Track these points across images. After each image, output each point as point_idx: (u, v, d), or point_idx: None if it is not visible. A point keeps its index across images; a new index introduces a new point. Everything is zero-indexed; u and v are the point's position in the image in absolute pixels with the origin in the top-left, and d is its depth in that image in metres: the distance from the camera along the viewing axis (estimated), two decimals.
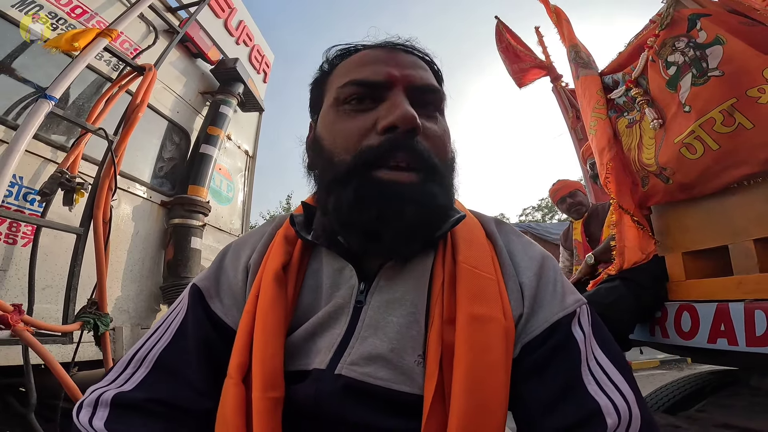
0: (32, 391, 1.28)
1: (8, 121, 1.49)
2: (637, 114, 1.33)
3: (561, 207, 2.18)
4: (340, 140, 0.44)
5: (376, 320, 0.42)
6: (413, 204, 0.40)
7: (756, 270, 1.01)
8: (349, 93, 0.45)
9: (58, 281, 1.53)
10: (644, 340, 1.37)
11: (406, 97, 0.44)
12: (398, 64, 0.46)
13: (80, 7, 1.81)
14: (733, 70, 1.01)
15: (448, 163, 0.47)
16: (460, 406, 0.35)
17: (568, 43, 1.70)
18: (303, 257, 0.48)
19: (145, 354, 0.45)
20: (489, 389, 0.36)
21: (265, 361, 0.39)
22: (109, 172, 1.50)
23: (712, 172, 1.08)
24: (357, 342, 0.41)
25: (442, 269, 0.44)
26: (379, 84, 0.44)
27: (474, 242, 0.47)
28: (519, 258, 0.47)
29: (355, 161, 0.42)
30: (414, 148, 0.42)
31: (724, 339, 1.03)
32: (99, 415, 0.40)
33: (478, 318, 0.39)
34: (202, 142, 2.24)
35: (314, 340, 0.43)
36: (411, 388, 0.39)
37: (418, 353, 0.41)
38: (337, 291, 0.45)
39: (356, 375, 0.39)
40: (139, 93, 1.68)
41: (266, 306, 0.42)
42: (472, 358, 0.37)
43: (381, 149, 0.41)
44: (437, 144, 0.45)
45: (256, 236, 0.53)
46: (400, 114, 0.41)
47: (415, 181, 0.41)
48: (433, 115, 0.47)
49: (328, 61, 0.52)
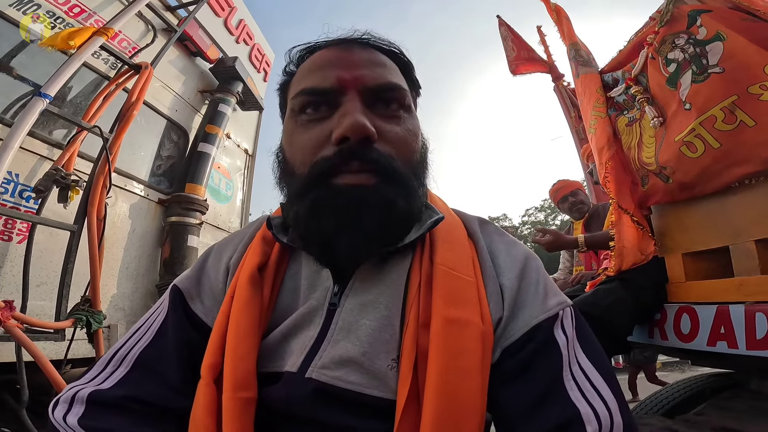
0: (24, 387, 1.29)
1: (3, 119, 1.50)
2: (637, 112, 1.30)
3: (562, 206, 2.16)
4: (298, 153, 0.44)
5: (349, 323, 0.41)
6: (369, 208, 0.40)
7: (757, 271, 0.99)
8: (302, 103, 0.44)
9: (53, 278, 1.53)
10: (643, 342, 1.35)
11: (362, 100, 0.43)
12: (350, 65, 0.44)
13: (78, 6, 1.82)
14: (734, 66, 0.99)
15: (414, 163, 0.45)
16: (432, 411, 0.34)
17: (568, 41, 1.69)
18: (282, 258, 0.48)
19: (125, 353, 0.45)
20: (463, 394, 0.35)
21: (236, 361, 0.39)
22: (103, 169, 1.50)
23: (713, 171, 1.05)
24: (329, 345, 0.40)
25: (419, 271, 0.43)
26: (330, 90, 0.43)
27: (453, 243, 0.45)
28: (501, 259, 0.46)
29: (311, 173, 0.42)
30: (369, 156, 0.41)
31: (724, 342, 1.01)
32: (74, 411, 0.40)
33: (453, 322, 0.38)
34: (200, 141, 2.24)
35: (288, 341, 0.42)
36: (383, 393, 0.38)
37: (392, 357, 0.40)
38: (313, 293, 0.44)
39: (326, 379, 0.39)
40: (134, 91, 1.68)
41: (240, 307, 0.42)
42: (446, 363, 0.36)
43: (334, 159, 0.41)
44: (399, 146, 0.43)
45: (238, 237, 0.53)
46: (349, 124, 0.40)
47: (371, 183, 0.40)
48: (395, 115, 0.45)
49: (291, 62, 0.51)
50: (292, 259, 0.49)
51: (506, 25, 2.46)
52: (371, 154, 0.41)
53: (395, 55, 0.49)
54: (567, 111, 2.49)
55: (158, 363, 0.44)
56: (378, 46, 0.48)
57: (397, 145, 0.43)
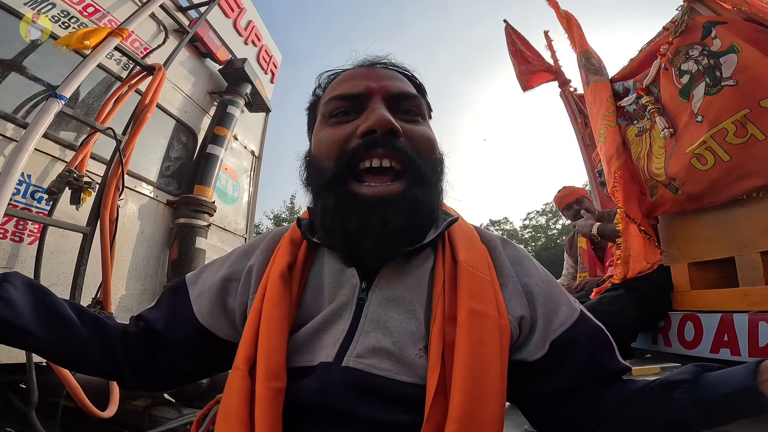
0: (34, 389, 1.29)
1: (17, 119, 1.50)
2: (648, 122, 1.32)
3: (567, 214, 2.18)
4: (325, 148, 0.48)
5: (378, 316, 0.45)
6: (396, 213, 0.44)
7: (762, 282, 1.01)
8: (333, 107, 0.50)
9: (64, 279, 1.53)
10: (646, 349, 1.36)
11: (386, 105, 0.48)
12: (376, 77, 0.50)
13: (92, 6, 1.82)
14: (747, 79, 1.00)
15: (434, 161, 0.50)
16: (460, 394, 0.38)
17: (579, 49, 1.69)
18: (307, 259, 0.51)
19: None
20: (486, 379, 0.39)
21: (269, 353, 0.42)
22: (116, 171, 1.51)
23: (722, 183, 1.07)
24: (361, 336, 0.44)
25: (443, 269, 0.47)
26: (359, 96, 0.48)
27: (472, 245, 0.50)
28: (525, 263, 0.51)
29: (338, 164, 0.46)
30: (394, 145, 0.46)
31: (727, 349, 1.03)
32: None
33: (476, 313, 0.42)
34: (209, 142, 2.25)
35: (319, 336, 0.45)
36: (412, 378, 0.42)
37: (419, 347, 0.43)
38: (340, 290, 0.47)
39: (362, 366, 0.42)
40: (148, 93, 1.69)
41: (272, 303, 0.45)
42: (471, 350, 0.40)
43: (359, 149, 0.45)
44: (420, 143, 0.48)
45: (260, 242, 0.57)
46: (376, 118, 0.45)
47: (397, 191, 0.45)
48: (415, 120, 0.50)
49: (319, 86, 0.57)
50: (315, 258, 0.52)
51: (512, 31, 2.48)
52: (396, 144, 0.46)
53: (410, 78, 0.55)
54: (573, 116, 2.50)
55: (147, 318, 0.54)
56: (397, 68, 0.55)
57: (418, 143, 0.48)
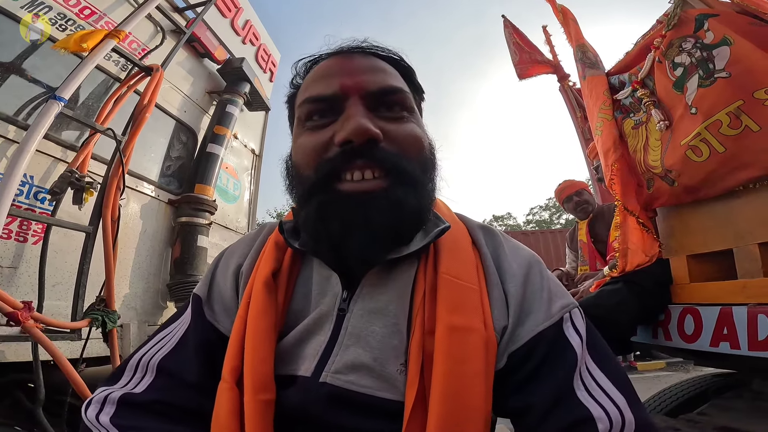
0: (41, 387, 1.31)
1: (18, 121, 1.52)
2: (644, 115, 1.32)
3: (567, 206, 2.18)
4: (303, 156, 0.45)
5: (359, 329, 0.43)
6: (378, 211, 0.41)
7: (760, 274, 1.00)
8: (308, 111, 0.46)
9: (68, 278, 1.56)
10: (647, 343, 1.37)
11: (364, 104, 0.44)
12: (352, 72, 0.45)
13: (88, 8, 1.83)
14: (740, 71, 1.00)
15: (423, 160, 0.46)
16: (437, 414, 0.36)
17: (575, 43, 1.69)
18: (294, 263, 0.49)
19: (149, 359, 0.47)
20: (467, 397, 0.37)
21: (255, 365, 0.41)
22: (117, 171, 1.53)
23: (718, 174, 1.07)
24: (340, 350, 0.42)
25: (424, 280, 0.44)
26: (334, 97, 0.45)
27: (458, 251, 0.46)
28: (506, 265, 0.47)
29: (317, 175, 0.43)
30: (374, 155, 0.42)
31: (727, 342, 1.03)
32: (106, 411, 0.43)
33: (457, 329, 0.40)
34: (209, 142, 2.27)
35: (301, 345, 0.44)
36: (393, 395, 0.40)
37: (401, 362, 0.41)
38: (324, 298, 0.46)
39: (340, 383, 0.40)
40: (146, 94, 1.70)
41: (257, 312, 0.44)
42: (450, 368, 0.38)
43: (338, 160, 0.42)
44: (405, 145, 0.45)
45: (245, 243, 0.55)
46: (351, 128, 0.42)
47: (379, 188, 0.42)
48: (399, 116, 0.46)
49: (297, 75, 0.53)
50: (303, 263, 0.50)
51: (511, 26, 2.47)
52: (377, 153, 0.42)
53: (396, 62, 0.50)
54: (572, 111, 2.49)
55: (180, 368, 0.46)
56: (378, 53, 0.50)
57: (402, 144, 0.44)
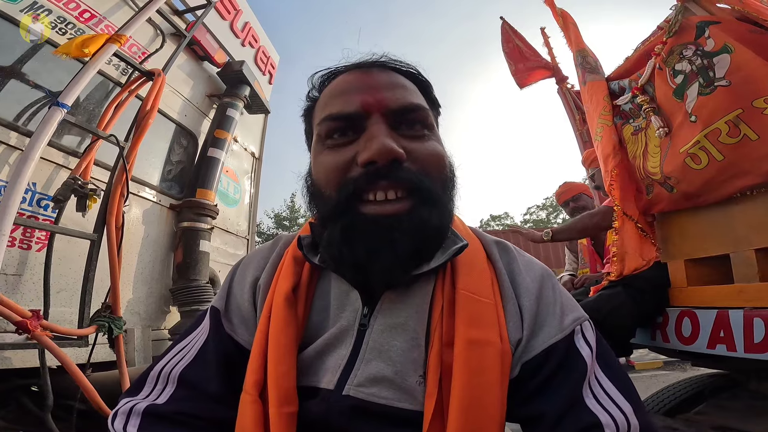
0: (49, 392, 1.32)
1: (20, 128, 1.52)
2: (643, 121, 1.33)
3: (565, 210, 2.21)
4: (325, 175, 0.45)
5: (380, 344, 0.44)
6: (402, 234, 0.42)
7: (756, 279, 1.02)
8: (328, 128, 0.46)
9: (72, 285, 1.56)
10: (645, 344, 1.39)
11: (386, 122, 0.44)
12: (372, 88, 0.45)
13: (88, 12, 1.82)
14: (740, 79, 1.01)
15: (444, 179, 0.47)
16: (456, 422, 0.38)
17: (575, 48, 1.69)
18: (312, 277, 0.50)
19: (170, 370, 0.49)
20: (484, 407, 0.39)
21: (279, 378, 0.42)
22: (121, 178, 1.53)
23: (716, 182, 1.09)
24: (362, 364, 0.44)
25: (442, 295, 0.46)
26: (356, 115, 0.45)
27: (474, 268, 0.47)
28: (520, 279, 0.48)
29: (339, 196, 0.43)
30: (397, 176, 0.42)
31: (723, 345, 1.05)
32: (132, 422, 0.44)
33: (474, 342, 0.41)
34: (209, 146, 2.26)
35: (323, 359, 0.46)
36: (413, 405, 0.42)
37: (420, 374, 0.43)
38: (343, 312, 0.47)
39: (363, 395, 0.42)
40: (149, 99, 1.70)
41: (278, 327, 0.45)
42: (468, 380, 0.39)
43: (362, 181, 0.43)
44: (427, 164, 0.45)
45: (261, 255, 0.56)
46: (376, 149, 0.42)
47: (403, 210, 0.42)
48: (421, 134, 0.46)
49: (313, 88, 0.53)
50: (321, 277, 0.51)
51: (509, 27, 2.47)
52: (400, 173, 0.42)
53: (413, 76, 0.50)
54: (571, 113, 2.50)
55: (202, 379, 0.47)
56: (396, 68, 0.50)
57: (425, 163, 0.45)
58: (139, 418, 0.44)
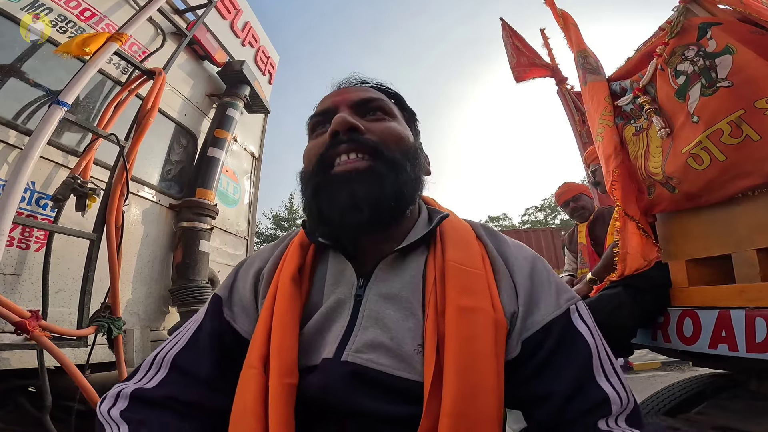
0: (47, 393, 1.31)
1: (20, 126, 1.50)
2: (644, 122, 1.33)
3: (565, 210, 2.21)
4: (307, 157, 0.55)
5: (376, 312, 0.47)
6: (361, 183, 0.48)
7: (758, 279, 1.03)
8: (312, 124, 0.58)
9: (71, 285, 1.55)
10: (646, 345, 1.39)
11: (350, 112, 0.53)
12: (343, 93, 0.57)
13: (89, 10, 1.82)
14: (742, 80, 1.01)
15: (404, 150, 0.53)
16: (451, 389, 0.39)
17: (576, 49, 1.69)
18: (314, 261, 0.55)
19: (163, 356, 0.50)
20: (478, 374, 0.40)
21: (282, 351, 0.44)
22: (121, 177, 1.52)
23: (718, 182, 1.09)
24: (360, 331, 0.46)
25: (434, 267, 0.49)
26: (329, 110, 0.55)
27: (461, 242, 0.52)
28: (512, 259, 0.52)
29: (316, 166, 0.52)
30: (356, 139, 0.51)
31: (725, 345, 1.05)
32: (118, 405, 0.45)
33: (465, 309, 0.43)
34: (209, 146, 2.26)
35: (322, 334, 0.48)
36: (411, 375, 0.43)
37: (418, 343, 0.45)
38: (338, 287, 0.51)
39: (361, 361, 0.44)
40: (149, 98, 1.69)
41: (283, 303, 0.47)
42: (460, 346, 0.41)
43: (328, 148, 0.51)
44: (385, 136, 0.53)
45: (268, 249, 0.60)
46: (336, 121, 0.51)
47: (362, 166, 0.49)
48: (380, 118, 0.55)
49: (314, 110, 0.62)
50: (320, 261, 0.55)
51: (509, 29, 2.48)
52: (360, 139, 0.51)
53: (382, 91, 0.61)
54: (570, 114, 2.51)
55: (194, 364, 0.49)
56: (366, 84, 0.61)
57: (383, 135, 0.52)
58: (126, 401, 0.45)
